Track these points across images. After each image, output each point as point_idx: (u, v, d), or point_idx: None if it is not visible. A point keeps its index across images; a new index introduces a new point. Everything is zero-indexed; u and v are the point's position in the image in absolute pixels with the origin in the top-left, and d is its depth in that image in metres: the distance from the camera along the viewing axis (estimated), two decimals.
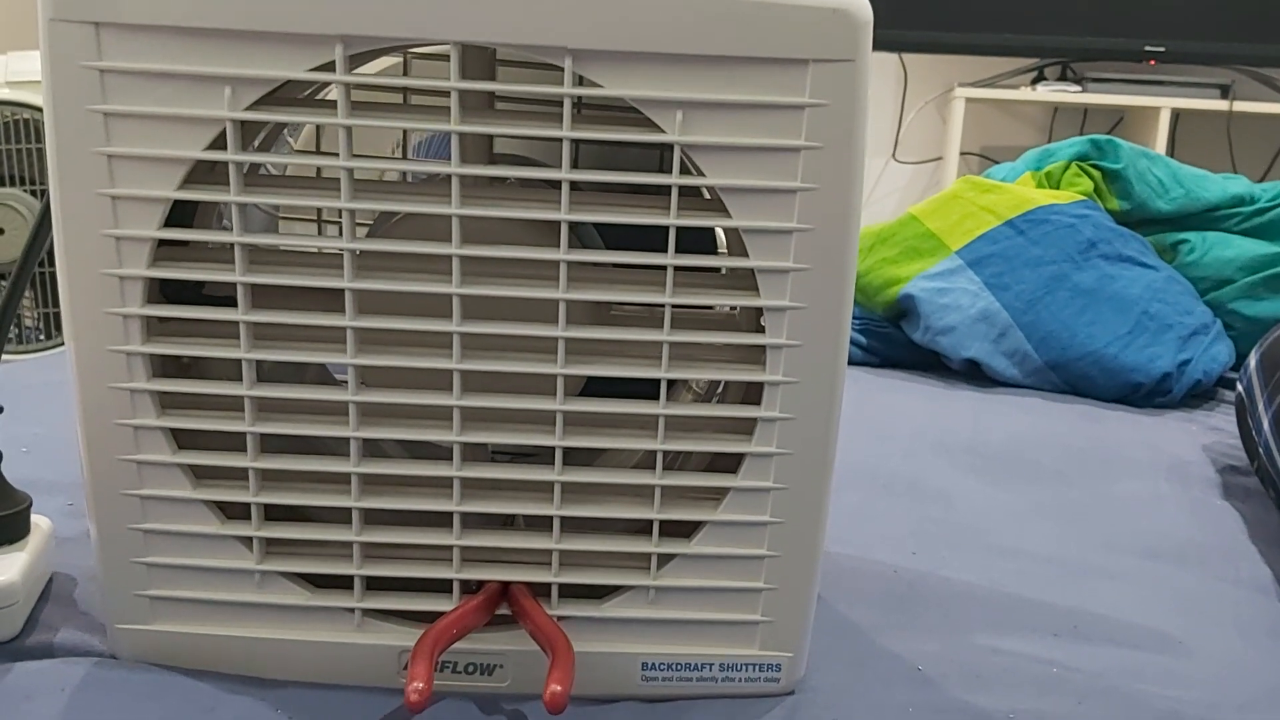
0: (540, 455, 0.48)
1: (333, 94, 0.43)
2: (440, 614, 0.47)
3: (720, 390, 0.55)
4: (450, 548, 0.48)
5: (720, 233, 0.57)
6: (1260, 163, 2.50)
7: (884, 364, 1.26)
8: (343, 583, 0.49)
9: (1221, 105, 2.28)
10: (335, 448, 0.49)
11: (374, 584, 0.49)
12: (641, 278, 0.46)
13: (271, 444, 0.47)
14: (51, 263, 0.45)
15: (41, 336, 1.21)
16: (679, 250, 0.45)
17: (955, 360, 1.19)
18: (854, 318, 1.26)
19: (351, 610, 0.49)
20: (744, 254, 0.45)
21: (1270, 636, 0.61)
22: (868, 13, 0.42)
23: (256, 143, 0.51)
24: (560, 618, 0.48)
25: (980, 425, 1.00)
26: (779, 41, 0.42)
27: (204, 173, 0.44)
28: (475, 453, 0.50)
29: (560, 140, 0.44)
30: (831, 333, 0.46)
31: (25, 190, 1.22)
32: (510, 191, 0.48)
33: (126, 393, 0.46)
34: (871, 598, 0.62)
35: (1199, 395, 1.15)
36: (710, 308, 0.52)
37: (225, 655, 0.49)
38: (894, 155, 2.67)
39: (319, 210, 0.63)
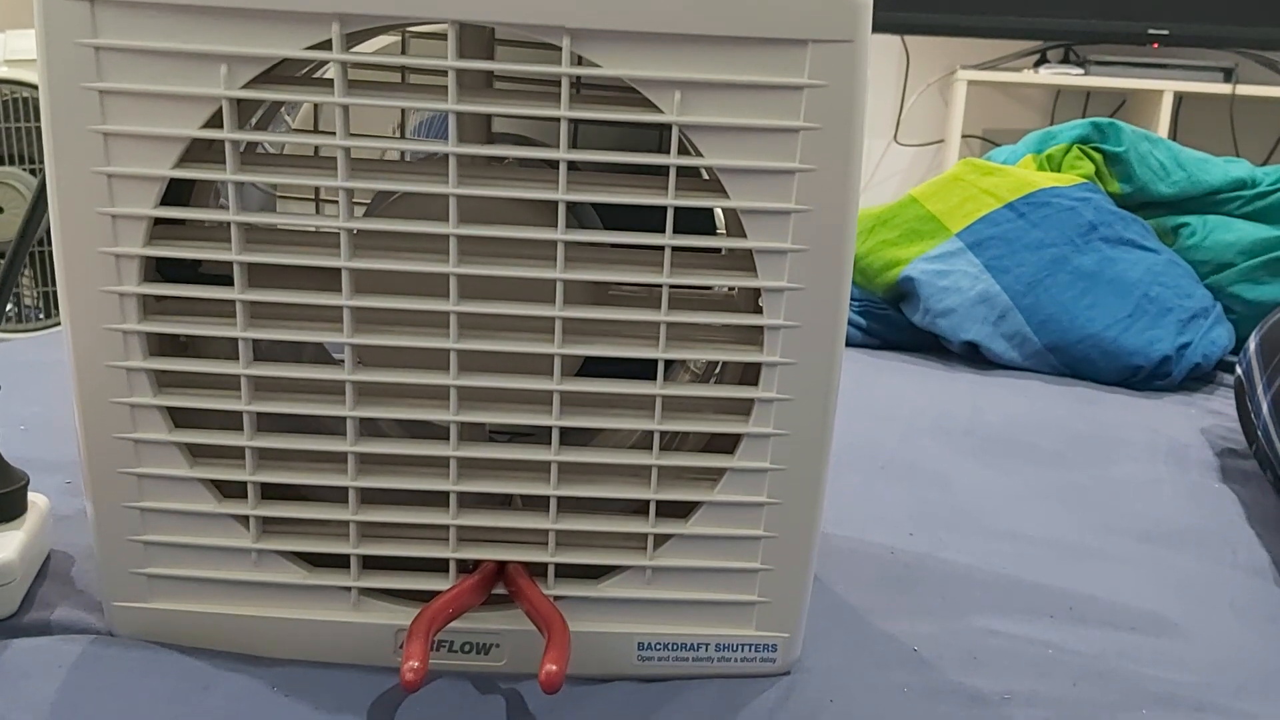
0: (537, 435, 0.48)
1: (330, 73, 0.43)
2: (436, 593, 0.47)
3: (718, 371, 0.55)
4: (447, 527, 0.48)
5: (719, 213, 0.56)
6: (1263, 146, 2.50)
7: (883, 346, 1.26)
8: (339, 562, 0.49)
9: (1224, 88, 2.27)
10: (332, 427, 0.49)
11: (370, 563, 0.49)
12: (639, 258, 0.46)
13: (268, 423, 0.47)
14: (50, 241, 0.44)
15: (41, 315, 1.21)
16: (677, 230, 0.45)
17: (955, 343, 1.19)
18: (854, 300, 1.26)
19: (348, 589, 0.49)
20: (742, 235, 0.45)
21: (1267, 620, 0.61)
22: None
23: (253, 121, 0.51)
24: (556, 597, 0.49)
25: (979, 408, 1.00)
26: (778, 22, 0.42)
27: (200, 151, 0.44)
28: (472, 432, 0.50)
29: (558, 120, 0.44)
30: (829, 314, 0.46)
31: (24, 169, 1.22)
32: (508, 171, 0.48)
33: (123, 371, 0.45)
34: (869, 579, 0.62)
35: (1198, 378, 1.15)
36: (708, 288, 0.52)
37: (222, 633, 0.49)
38: (895, 138, 2.66)
39: (316, 189, 0.62)
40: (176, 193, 0.45)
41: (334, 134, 0.43)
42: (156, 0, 0.41)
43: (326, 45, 0.42)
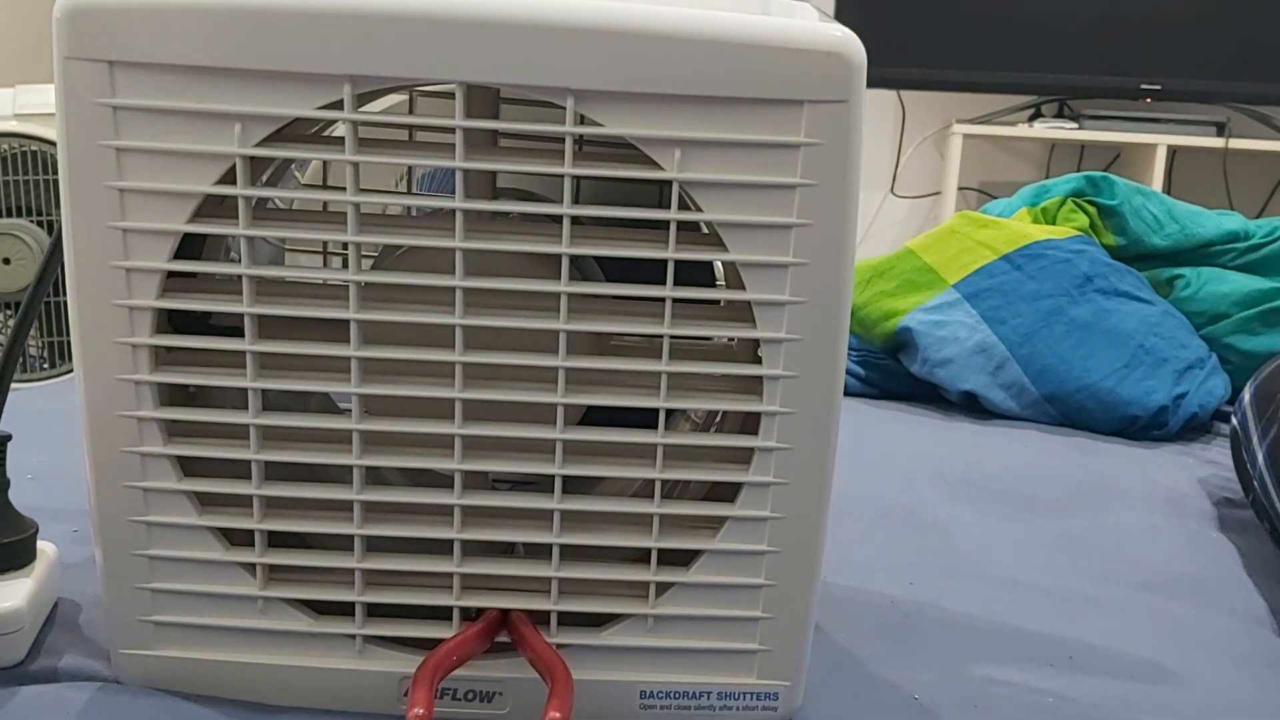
0: (540, 483, 0.49)
1: (340, 131, 0.44)
2: (440, 641, 0.48)
3: (718, 420, 0.56)
4: (450, 575, 0.49)
5: (718, 266, 0.58)
6: (1256, 199, 2.52)
7: (882, 396, 1.26)
8: (344, 609, 0.49)
9: (1217, 142, 2.30)
10: (338, 475, 0.49)
11: (375, 611, 0.50)
12: (640, 309, 0.47)
13: (275, 471, 0.48)
14: (55, 293, 0.46)
15: (45, 365, 1.22)
16: (677, 283, 0.46)
17: (953, 392, 1.19)
18: (852, 350, 1.27)
19: (353, 637, 0.49)
20: (741, 287, 0.46)
21: (1265, 668, 0.61)
22: (861, 55, 0.44)
23: (265, 177, 0.52)
24: (559, 645, 0.49)
25: (978, 457, 1.01)
26: (775, 83, 0.43)
27: (213, 206, 0.45)
28: (476, 481, 0.51)
29: (562, 176, 0.45)
30: (827, 364, 0.47)
31: (32, 221, 1.23)
32: (513, 225, 0.49)
33: (134, 421, 0.46)
34: (869, 627, 0.62)
35: (1195, 429, 1.15)
36: (708, 339, 0.53)
37: (228, 681, 0.50)
38: (892, 190, 2.69)
39: (325, 243, 0.64)
40: (189, 246, 0.46)
41: (344, 190, 0.45)
42: (175, 62, 0.43)
43: (338, 105, 0.43)
